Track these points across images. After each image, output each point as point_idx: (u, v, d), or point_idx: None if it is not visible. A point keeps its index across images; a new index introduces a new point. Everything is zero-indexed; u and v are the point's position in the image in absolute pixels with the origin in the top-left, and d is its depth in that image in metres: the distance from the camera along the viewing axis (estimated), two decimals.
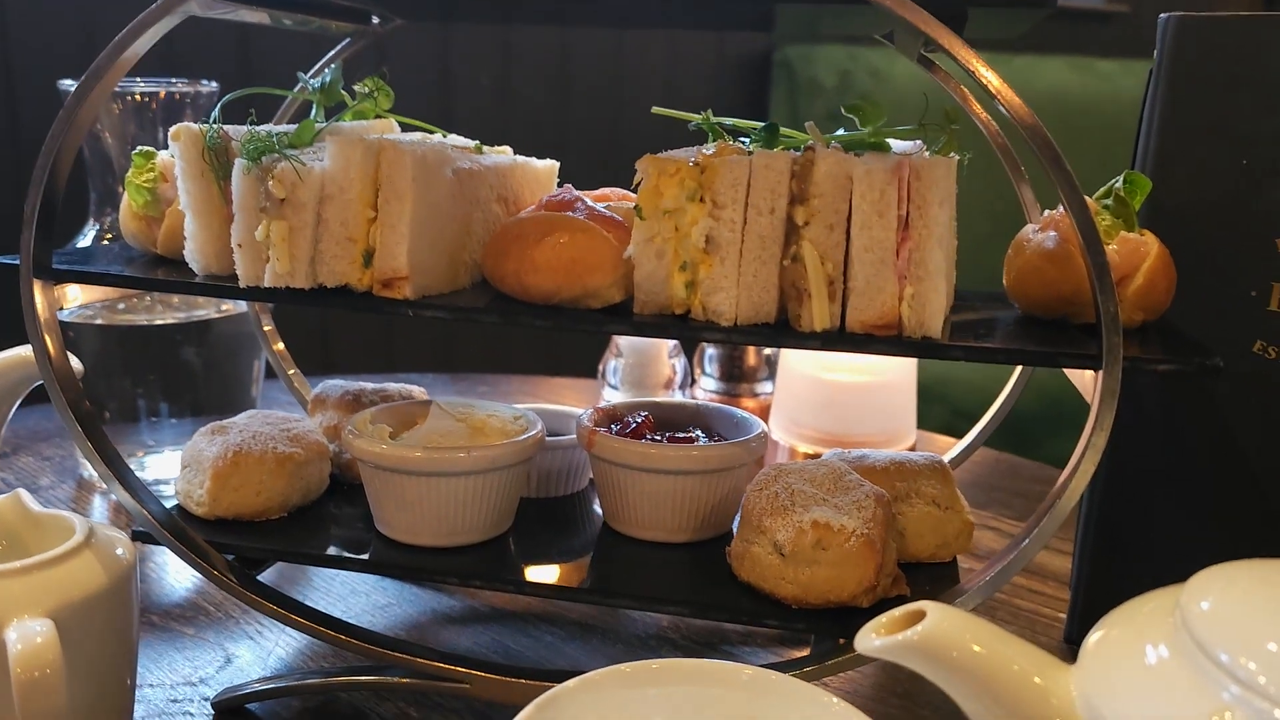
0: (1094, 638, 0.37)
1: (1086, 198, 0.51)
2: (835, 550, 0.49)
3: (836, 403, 0.83)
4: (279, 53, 1.52)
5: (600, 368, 0.93)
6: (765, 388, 0.94)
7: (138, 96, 0.80)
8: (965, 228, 0.53)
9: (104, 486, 0.83)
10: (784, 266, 0.47)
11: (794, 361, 0.86)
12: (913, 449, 0.85)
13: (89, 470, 0.86)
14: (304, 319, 0.77)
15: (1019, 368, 0.63)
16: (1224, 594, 0.35)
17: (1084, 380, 0.48)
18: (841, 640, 0.50)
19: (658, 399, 0.65)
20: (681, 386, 0.93)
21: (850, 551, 0.49)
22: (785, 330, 0.48)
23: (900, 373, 0.84)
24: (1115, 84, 2.90)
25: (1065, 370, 0.49)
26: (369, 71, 0.68)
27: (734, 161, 0.47)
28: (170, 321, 0.83)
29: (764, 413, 0.91)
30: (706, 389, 0.94)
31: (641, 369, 0.91)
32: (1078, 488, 0.44)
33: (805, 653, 0.51)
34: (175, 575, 0.72)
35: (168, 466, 0.85)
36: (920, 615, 0.37)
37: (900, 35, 0.55)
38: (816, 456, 0.62)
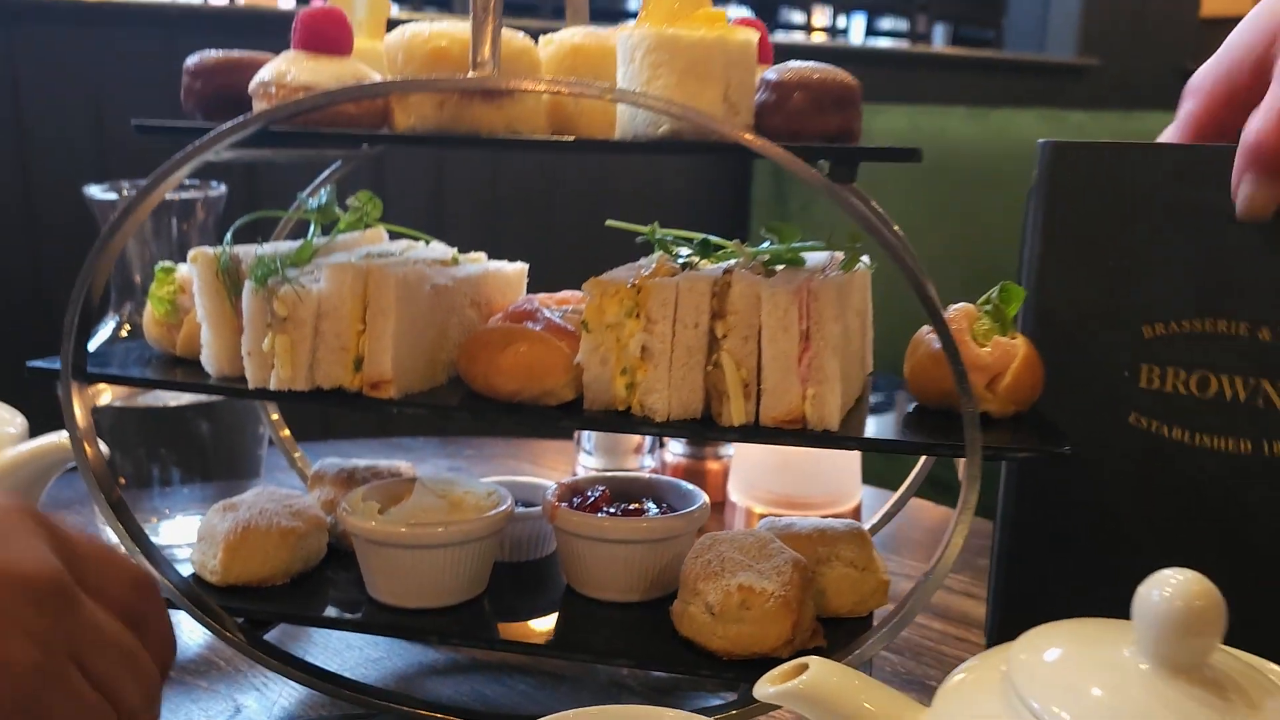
0: (947, 683, 0.45)
1: (969, 304, 0.61)
2: (757, 610, 0.58)
3: (788, 468, 0.91)
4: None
5: (576, 434, 1.02)
6: (728, 450, 1.02)
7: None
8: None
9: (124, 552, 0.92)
10: (707, 371, 0.56)
11: None
12: (858, 508, 0.93)
13: (107, 535, 0.94)
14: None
15: None
16: (1041, 649, 0.44)
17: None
18: None
19: (616, 473, 0.74)
20: (650, 450, 1.01)
21: (770, 610, 0.57)
22: (710, 425, 0.57)
23: None
24: (1087, 133, 3.01)
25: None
26: (364, 178, 0.78)
27: (664, 284, 0.56)
28: (184, 403, 0.91)
29: (726, 473, 1.00)
30: (675, 452, 1.03)
31: (613, 436, 0.99)
32: (950, 558, 0.53)
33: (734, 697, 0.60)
34: (189, 634, 0.80)
35: (180, 531, 0.93)
36: (805, 667, 0.46)
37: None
38: (771, 516, 0.71)
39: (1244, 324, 0.61)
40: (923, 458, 0.72)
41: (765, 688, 0.46)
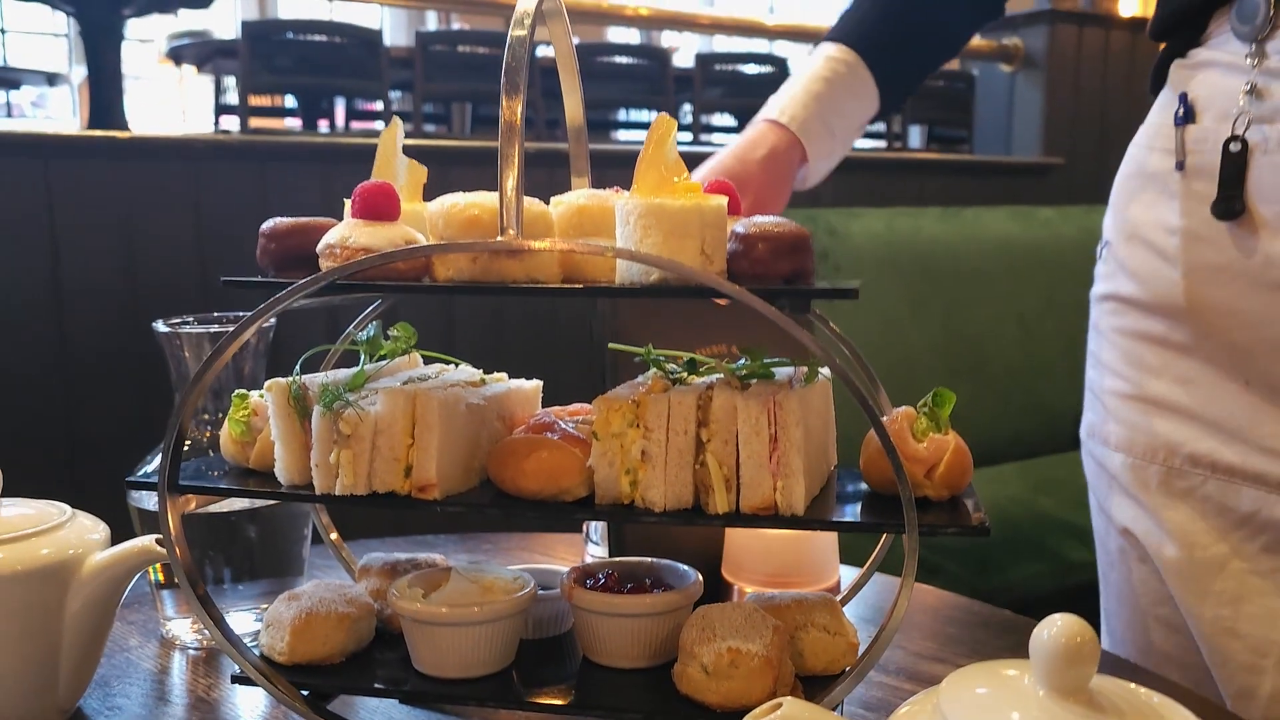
0: (894, 715, 0.57)
1: (909, 407, 0.73)
2: (744, 668, 0.69)
3: (772, 551, 1.03)
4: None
5: (584, 528, 1.14)
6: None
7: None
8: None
9: (182, 642, 1.03)
10: (696, 469, 0.69)
11: None
12: (836, 584, 1.04)
13: (167, 630, 1.05)
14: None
15: None
16: (965, 683, 0.55)
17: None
18: None
19: (621, 559, 0.85)
20: None
21: (755, 668, 0.69)
22: (698, 513, 0.69)
23: None
24: (1054, 229, 3.19)
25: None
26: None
27: (658, 399, 0.69)
28: (236, 509, 1.03)
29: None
30: None
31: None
32: (898, 616, 0.65)
33: None
34: (253, 714, 0.91)
35: (235, 623, 1.04)
36: (779, 706, 0.57)
37: None
38: (756, 591, 0.82)
39: None
40: (883, 537, 0.84)
41: None
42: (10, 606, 0.81)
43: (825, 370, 0.77)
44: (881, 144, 5.82)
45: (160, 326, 1.02)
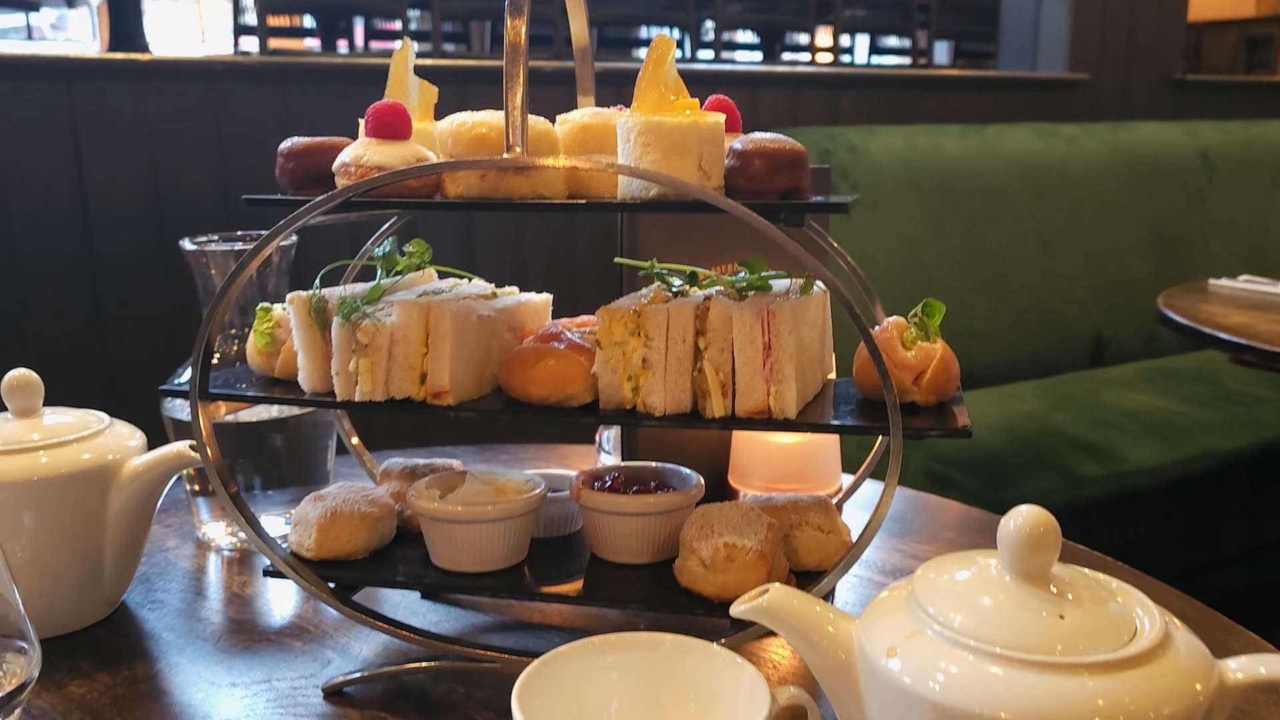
0: (871, 603, 0.61)
1: (899, 317, 0.77)
2: (739, 561, 0.74)
3: (775, 459, 1.07)
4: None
5: (597, 438, 1.18)
6: None
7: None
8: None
9: (217, 544, 1.09)
10: (694, 376, 0.73)
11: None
12: (838, 492, 1.09)
13: (203, 534, 1.11)
14: (368, 413, 1.01)
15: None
16: (936, 571, 0.59)
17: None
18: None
19: (631, 465, 0.90)
20: None
21: (749, 562, 0.74)
22: (696, 417, 0.73)
23: (826, 436, 1.09)
24: (1078, 146, 3.16)
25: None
26: (405, 227, 0.95)
27: (658, 309, 0.72)
28: (263, 419, 1.09)
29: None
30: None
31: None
32: (881, 513, 0.69)
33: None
34: (284, 608, 0.97)
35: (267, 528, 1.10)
36: (765, 592, 0.62)
37: None
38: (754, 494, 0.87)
39: None
40: (877, 444, 0.88)
41: (739, 606, 0.62)
42: (56, 507, 0.87)
43: (820, 284, 0.80)
44: (906, 60, 5.73)
45: (187, 245, 1.06)
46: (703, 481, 0.85)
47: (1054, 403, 2.62)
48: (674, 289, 0.79)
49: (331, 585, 0.82)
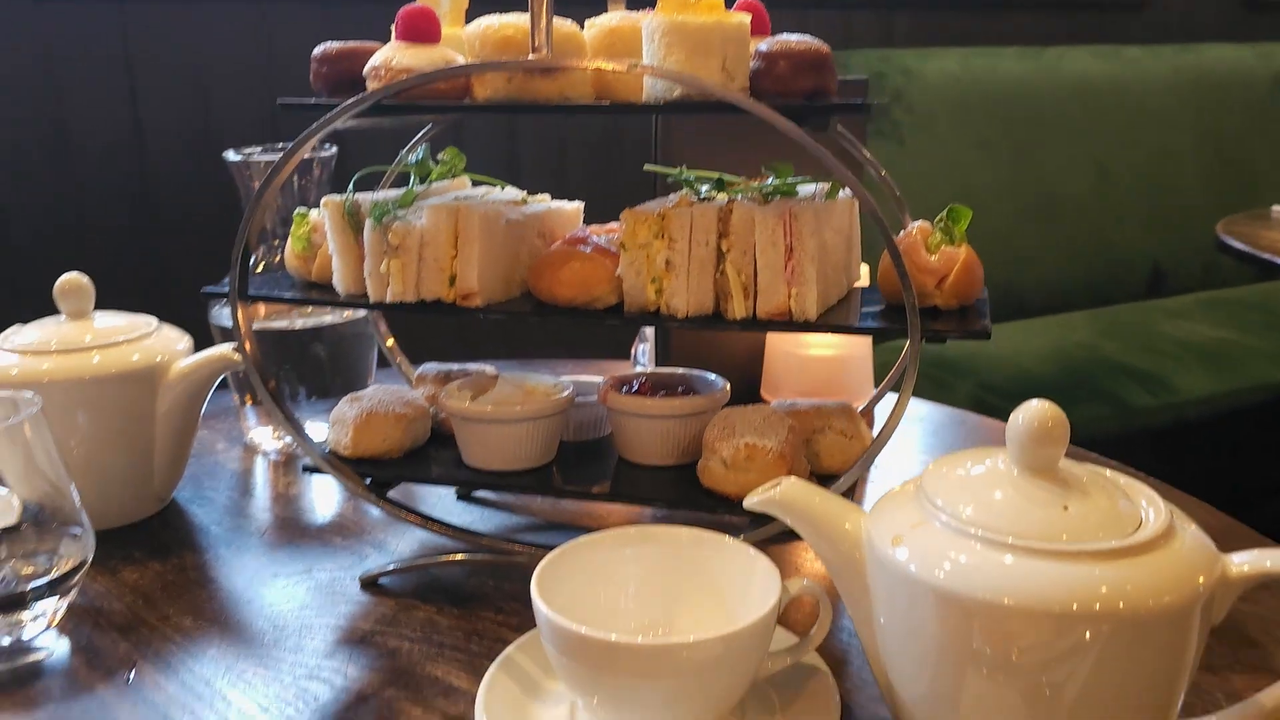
0: (881, 498, 0.62)
1: (925, 221, 0.77)
2: (759, 461, 0.75)
3: (807, 371, 1.08)
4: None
5: (632, 351, 1.20)
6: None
7: None
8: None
9: (264, 448, 1.13)
10: (716, 278, 0.74)
11: (778, 341, 1.11)
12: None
13: (250, 438, 1.15)
14: (408, 325, 1.03)
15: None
16: (945, 467, 0.60)
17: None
18: None
19: (658, 370, 0.91)
20: None
21: (769, 461, 0.75)
22: (718, 319, 0.74)
23: (858, 347, 1.09)
24: (1141, 68, 3.07)
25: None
26: (449, 138, 0.96)
27: (681, 212, 0.73)
28: (304, 326, 1.11)
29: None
30: None
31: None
32: (899, 414, 0.70)
33: None
34: (326, 508, 1.00)
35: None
36: (778, 484, 0.63)
37: None
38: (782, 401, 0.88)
39: None
40: (904, 351, 0.88)
41: (751, 498, 0.63)
42: (108, 406, 0.91)
43: (846, 190, 0.80)
44: None
45: (231, 155, 1.08)
46: (728, 386, 0.86)
47: (1106, 332, 2.58)
48: (701, 195, 0.80)
49: (367, 481, 0.84)
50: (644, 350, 1.18)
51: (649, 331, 1.18)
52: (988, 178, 2.77)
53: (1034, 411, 0.56)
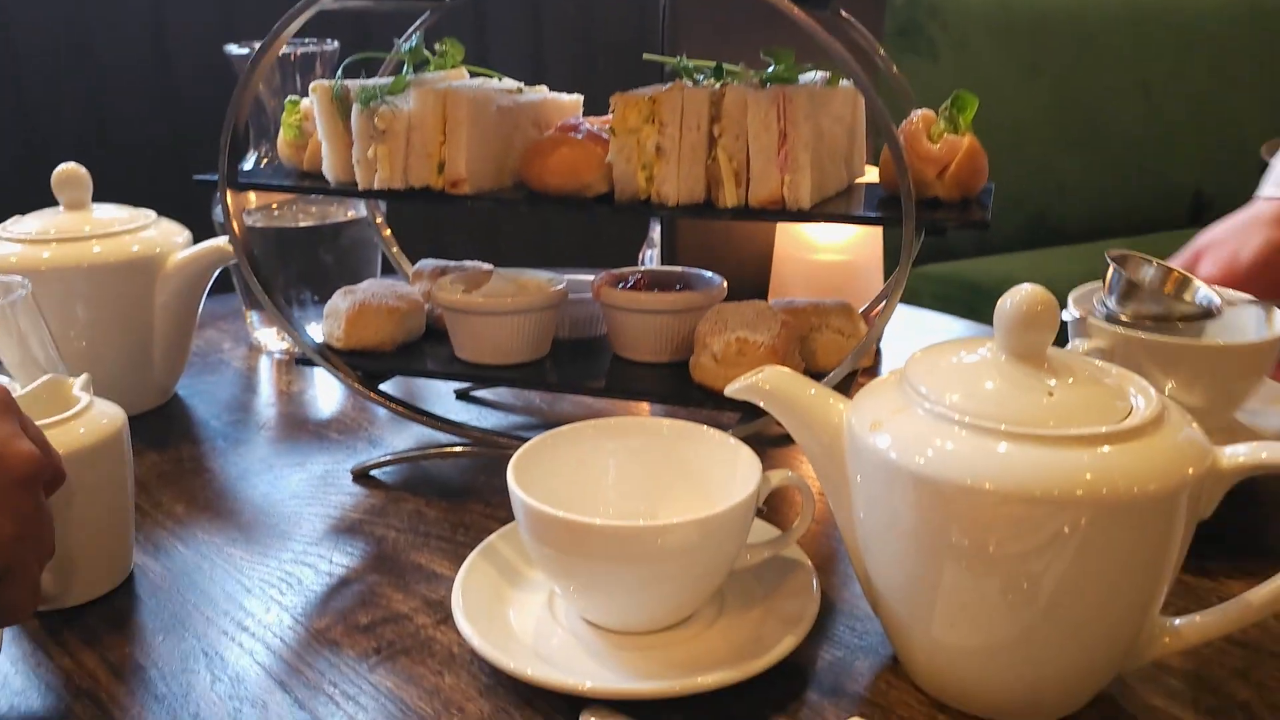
0: (864, 387, 0.60)
1: (928, 110, 0.73)
2: (750, 355, 0.73)
3: (815, 276, 1.06)
4: (380, 15, 1.79)
5: (640, 256, 1.18)
6: None
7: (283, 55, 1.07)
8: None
9: (268, 348, 1.13)
10: (708, 164, 0.71)
11: (786, 246, 1.09)
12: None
13: (255, 338, 1.15)
14: (415, 229, 1.01)
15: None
16: (930, 355, 0.58)
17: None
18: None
19: (655, 268, 0.89)
20: None
21: (760, 356, 0.73)
22: (710, 207, 0.72)
23: (867, 251, 1.06)
24: None
25: None
26: (465, 34, 0.93)
27: (672, 95, 0.71)
28: (308, 225, 1.10)
29: None
30: None
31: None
32: (891, 307, 0.67)
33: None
34: (327, 405, 1.00)
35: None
36: (761, 372, 0.61)
37: None
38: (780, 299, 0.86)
39: None
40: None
41: (734, 385, 0.61)
42: (105, 295, 0.91)
43: (847, 81, 0.77)
44: None
45: (233, 50, 1.07)
46: (725, 284, 0.84)
47: None
48: (698, 82, 0.77)
49: (360, 373, 0.84)
50: (652, 256, 1.16)
51: (656, 236, 1.16)
52: (1027, 102, 2.69)
53: (1023, 295, 0.54)
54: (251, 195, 1.08)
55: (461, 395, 1.00)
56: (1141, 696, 0.58)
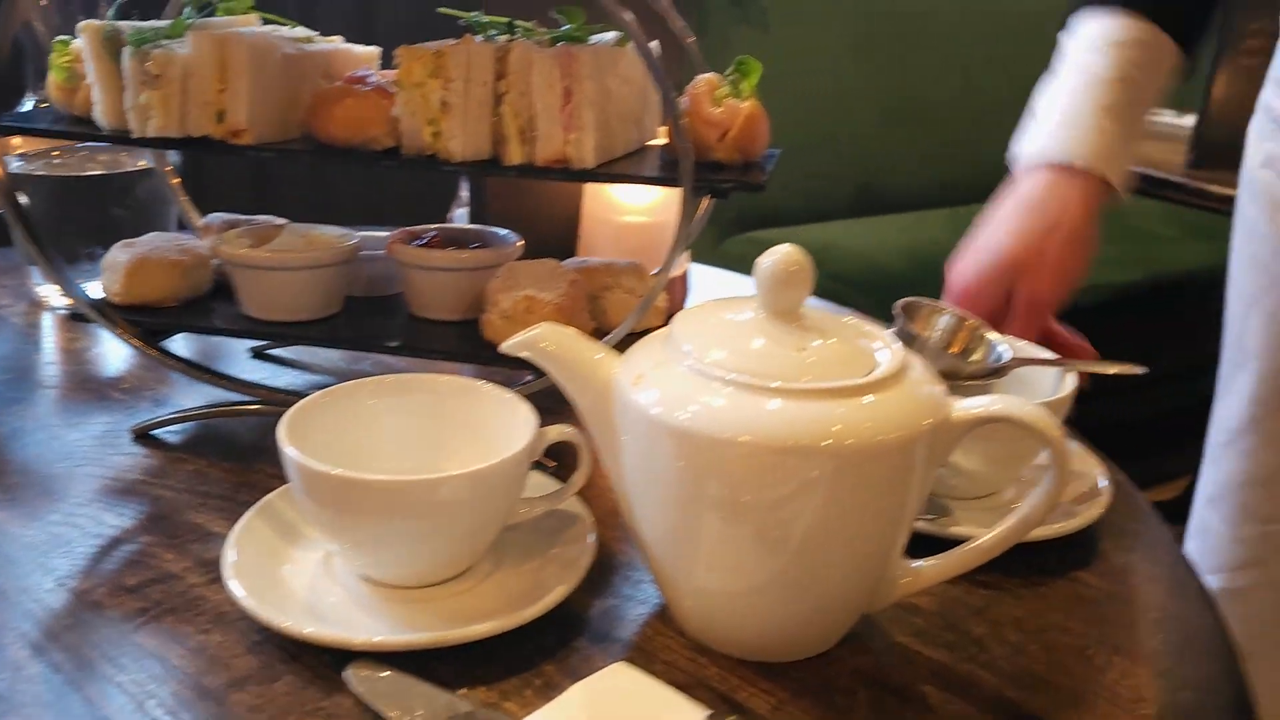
0: (608, 341, 0.62)
1: (714, 75, 0.75)
2: (538, 314, 0.74)
3: (621, 237, 1.07)
4: None
5: (449, 216, 1.17)
6: None
7: None
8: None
9: (51, 304, 1.07)
10: (493, 121, 0.71)
11: (593, 207, 1.10)
12: (684, 274, 1.09)
13: (36, 293, 1.09)
14: (215, 189, 0.97)
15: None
16: (695, 313, 0.60)
17: None
18: None
19: (451, 225, 0.89)
20: None
21: (547, 314, 0.74)
22: (495, 164, 0.72)
23: (672, 214, 1.08)
24: None
25: None
26: None
27: (458, 50, 0.70)
28: (95, 173, 1.05)
29: None
30: None
31: None
32: (669, 266, 0.69)
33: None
34: (109, 363, 0.96)
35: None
36: (537, 328, 0.62)
37: None
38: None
39: None
40: (701, 210, 0.88)
41: (509, 342, 0.62)
42: None
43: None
44: None
45: None
46: (520, 242, 0.84)
47: (961, 231, 2.63)
48: (490, 38, 0.77)
49: (139, 330, 0.81)
50: (461, 215, 1.15)
51: (465, 195, 1.15)
52: (854, 76, 2.77)
53: (779, 255, 0.56)
54: (15, 139, 1.01)
55: (258, 354, 0.97)
56: (889, 634, 0.62)
